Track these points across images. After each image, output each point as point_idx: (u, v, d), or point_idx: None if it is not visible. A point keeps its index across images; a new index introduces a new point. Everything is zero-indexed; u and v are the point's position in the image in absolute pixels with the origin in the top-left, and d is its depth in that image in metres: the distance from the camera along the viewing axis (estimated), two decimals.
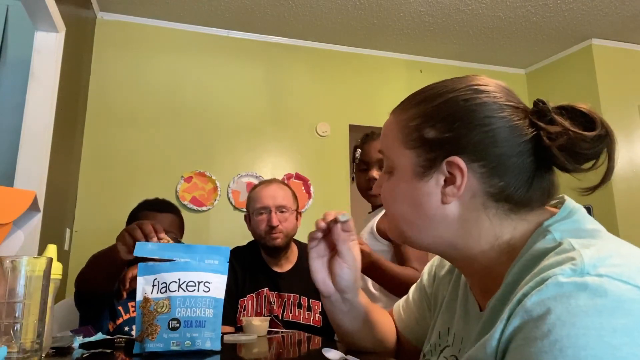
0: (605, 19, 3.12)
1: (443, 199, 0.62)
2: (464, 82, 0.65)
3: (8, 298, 0.70)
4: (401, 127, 0.67)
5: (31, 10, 2.11)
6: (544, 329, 0.47)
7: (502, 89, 0.64)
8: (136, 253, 0.94)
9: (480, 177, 0.60)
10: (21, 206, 1.01)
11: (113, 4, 3.00)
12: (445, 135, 0.62)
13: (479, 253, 0.62)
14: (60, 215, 2.53)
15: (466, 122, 0.61)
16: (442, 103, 0.64)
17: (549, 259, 0.53)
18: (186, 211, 3.00)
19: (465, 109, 0.62)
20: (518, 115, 0.61)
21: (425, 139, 0.63)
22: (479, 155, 0.60)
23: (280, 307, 1.62)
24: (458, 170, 0.60)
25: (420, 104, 0.66)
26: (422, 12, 3.05)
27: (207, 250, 0.97)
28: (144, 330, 0.89)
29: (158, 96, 3.09)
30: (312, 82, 3.41)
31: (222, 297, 0.95)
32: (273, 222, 1.61)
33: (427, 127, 0.64)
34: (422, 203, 0.64)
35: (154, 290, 0.91)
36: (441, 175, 0.62)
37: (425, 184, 0.63)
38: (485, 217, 0.61)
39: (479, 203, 0.61)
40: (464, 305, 0.70)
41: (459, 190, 0.61)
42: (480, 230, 0.62)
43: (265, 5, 2.98)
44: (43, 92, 2.23)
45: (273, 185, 1.70)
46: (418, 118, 0.65)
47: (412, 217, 0.65)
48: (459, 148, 0.61)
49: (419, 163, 0.64)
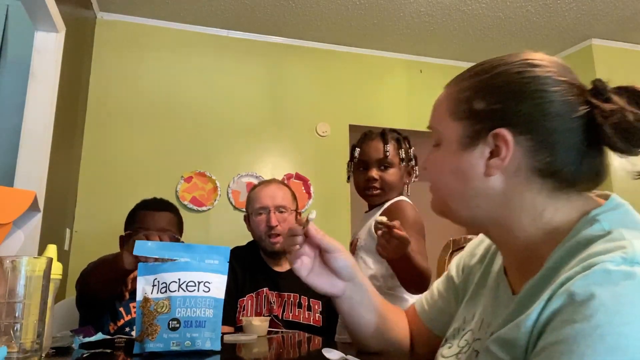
0: (605, 19, 3.12)
1: (486, 171, 0.62)
2: (519, 57, 0.65)
3: (8, 298, 0.70)
4: (452, 99, 0.67)
5: (31, 10, 2.11)
6: (586, 312, 0.46)
7: (558, 65, 0.63)
8: (136, 252, 0.94)
9: (526, 151, 0.60)
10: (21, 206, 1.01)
11: (113, 4, 3.00)
12: (493, 107, 0.62)
13: (521, 230, 0.62)
14: (60, 215, 2.53)
15: (516, 95, 0.61)
16: (494, 75, 0.64)
17: (597, 246, 0.53)
18: (186, 211, 3.00)
19: (516, 82, 0.61)
20: (572, 92, 0.60)
21: (474, 111, 0.64)
22: (526, 128, 0.60)
23: (280, 307, 1.62)
24: (504, 142, 0.60)
25: (472, 77, 0.66)
26: (422, 12, 3.05)
27: (207, 250, 0.97)
28: (144, 331, 0.89)
29: (158, 96, 3.09)
30: (312, 82, 3.41)
31: (222, 297, 0.95)
32: (272, 222, 1.61)
33: (476, 98, 0.64)
34: (465, 174, 0.64)
35: (154, 290, 0.91)
36: (486, 148, 0.62)
37: (470, 155, 0.63)
38: (529, 193, 0.61)
39: (523, 177, 0.61)
40: (494, 291, 0.69)
41: (503, 162, 0.60)
42: (523, 205, 0.61)
43: (265, 5, 2.98)
44: (43, 92, 2.23)
45: (272, 186, 1.70)
46: (469, 90, 0.65)
47: (456, 188, 0.65)
48: (506, 120, 0.61)
49: (466, 134, 0.64)
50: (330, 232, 1.52)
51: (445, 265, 1.43)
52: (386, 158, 1.43)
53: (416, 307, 0.91)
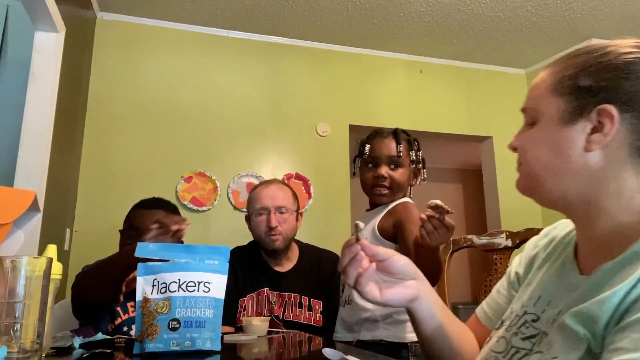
0: (605, 19, 3.12)
1: (587, 146, 0.62)
2: (628, 41, 0.65)
3: (8, 298, 0.70)
4: (555, 77, 0.68)
5: (31, 10, 2.11)
6: None
7: None
8: (137, 254, 0.94)
9: (630, 128, 0.60)
10: (21, 206, 1.01)
11: (113, 4, 3.00)
12: (600, 83, 0.62)
13: (610, 211, 0.62)
14: (60, 215, 2.53)
15: (624, 73, 0.62)
16: (603, 54, 0.64)
17: None
18: (186, 211, 3.00)
19: (624, 61, 0.62)
20: None
21: (579, 86, 0.64)
22: (632, 106, 0.60)
23: (281, 307, 1.61)
24: (608, 118, 0.61)
25: (578, 56, 0.67)
26: (422, 12, 3.05)
27: (207, 250, 0.97)
28: (143, 331, 0.89)
29: (158, 96, 3.09)
30: (312, 82, 3.41)
31: (222, 298, 0.95)
32: (272, 223, 1.61)
33: (583, 75, 0.64)
34: (564, 148, 0.64)
35: (153, 291, 0.91)
36: (588, 123, 0.62)
37: (571, 129, 0.64)
38: (629, 171, 0.61)
39: (623, 155, 0.61)
40: (558, 271, 0.70)
41: (605, 138, 0.61)
42: (618, 185, 0.62)
43: (265, 5, 2.98)
44: (43, 92, 2.23)
45: (273, 186, 1.69)
46: (575, 67, 0.66)
47: (551, 161, 0.65)
48: (612, 97, 0.61)
49: (568, 109, 0.64)
50: (330, 232, 1.52)
51: (445, 265, 1.43)
52: (397, 157, 1.43)
53: (477, 314, 0.89)
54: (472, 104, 3.69)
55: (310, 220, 2.95)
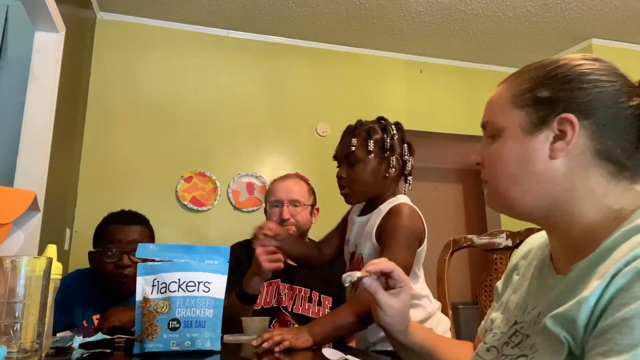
0: (605, 19, 3.12)
1: (551, 154, 0.65)
2: (577, 54, 0.70)
3: (8, 298, 0.70)
4: (512, 91, 0.70)
5: (31, 10, 2.11)
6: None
7: (611, 62, 0.69)
8: (138, 254, 0.95)
9: (590, 134, 0.63)
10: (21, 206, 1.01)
11: (113, 4, 3.00)
12: (558, 94, 0.66)
13: (581, 214, 0.64)
14: (60, 215, 2.53)
15: (579, 83, 0.65)
16: (557, 67, 0.68)
17: None
18: (186, 211, 3.00)
19: (577, 72, 0.66)
20: (627, 84, 0.66)
21: (538, 98, 0.67)
22: (590, 113, 0.63)
23: (291, 300, 1.64)
24: (569, 125, 0.64)
25: (533, 70, 0.70)
26: (422, 12, 3.05)
27: (207, 250, 0.97)
28: (143, 331, 0.89)
29: (158, 96, 3.09)
30: (312, 82, 3.41)
31: (222, 297, 0.95)
32: (284, 215, 1.65)
33: (540, 87, 0.67)
34: (530, 158, 0.66)
35: (153, 291, 0.91)
36: (551, 132, 0.65)
37: (535, 140, 0.66)
38: (592, 176, 0.64)
39: (586, 160, 0.64)
40: (537, 276, 0.72)
41: (568, 145, 0.64)
42: (586, 188, 0.64)
43: (265, 5, 2.98)
44: (43, 92, 2.23)
45: (289, 180, 1.76)
46: (532, 81, 0.69)
47: (520, 173, 0.67)
48: (571, 106, 0.64)
49: (530, 120, 0.67)
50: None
51: (445, 265, 1.43)
52: (351, 153, 1.27)
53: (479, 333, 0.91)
54: (472, 104, 3.68)
55: None
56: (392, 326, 0.88)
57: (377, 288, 0.86)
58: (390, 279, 0.88)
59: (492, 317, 0.79)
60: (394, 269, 0.87)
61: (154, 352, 0.87)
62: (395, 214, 1.23)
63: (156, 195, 2.93)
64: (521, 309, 0.71)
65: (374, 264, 0.87)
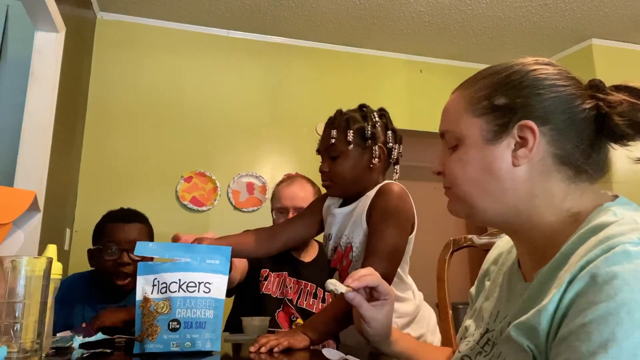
0: (605, 19, 3.12)
1: (514, 161, 0.65)
2: (528, 58, 0.69)
3: (8, 298, 0.70)
4: (469, 99, 0.70)
5: (31, 10, 2.11)
6: (610, 292, 0.48)
7: (563, 66, 0.68)
8: (137, 252, 0.94)
9: (549, 140, 0.64)
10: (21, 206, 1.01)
11: (113, 4, 3.00)
12: (515, 101, 0.66)
13: (542, 219, 0.65)
14: (60, 215, 2.53)
15: (535, 89, 0.65)
16: (511, 74, 0.68)
17: (611, 228, 0.55)
18: (186, 211, 3.00)
19: (532, 78, 0.66)
20: (580, 87, 0.66)
21: (496, 106, 0.67)
22: (547, 119, 0.64)
23: (297, 294, 1.66)
24: (530, 132, 0.64)
25: (487, 77, 0.70)
26: (422, 12, 3.05)
27: (209, 250, 0.97)
28: (144, 331, 0.88)
29: (158, 96, 3.09)
30: (312, 81, 3.41)
31: (223, 298, 0.95)
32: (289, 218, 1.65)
33: (496, 94, 0.67)
34: (493, 167, 0.66)
35: (154, 291, 0.91)
36: (512, 140, 0.65)
37: (496, 148, 0.66)
38: (553, 179, 0.64)
39: (548, 165, 0.64)
40: (506, 283, 0.72)
41: (530, 152, 0.64)
42: (548, 192, 0.64)
43: (265, 5, 2.98)
44: (43, 92, 2.23)
45: (294, 185, 1.72)
46: (487, 88, 0.68)
47: (483, 182, 0.67)
48: (528, 112, 0.64)
49: (490, 129, 0.67)
50: None
51: (445, 265, 1.42)
52: (331, 146, 1.21)
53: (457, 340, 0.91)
54: None
55: None
56: (375, 337, 0.88)
57: (361, 301, 0.84)
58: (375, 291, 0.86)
59: (466, 325, 0.79)
60: (379, 283, 0.85)
61: (154, 352, 0.87)
62: (384, 192, 1.16)
63: (156, 195, 2.93)
64: (493, 317, 0.71)
65: (358, 278, 0.83)
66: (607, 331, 0.47)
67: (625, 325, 0.46)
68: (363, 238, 1.17)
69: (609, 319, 0.47)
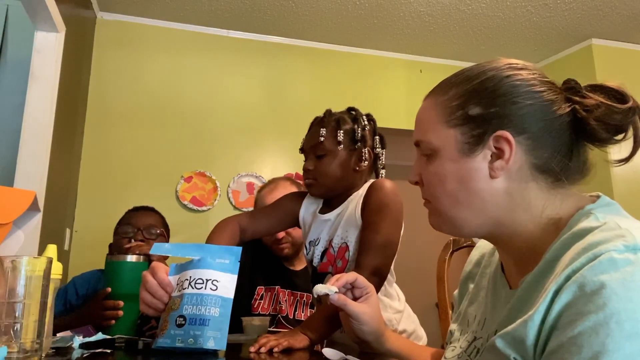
0: (605, 19, 3.12)
1: (491, 173, 0.63)
2: (502, 62, 0.67)
3: (8, 298, 0.70)
4: (442, 108, 0.67)
5: (31, 10, 2.11)
6: (599, 302, 0.47)
7: (537, 68, 0.66)
8: (153, 251, 0.97)
9: (526, 149, 0.62)
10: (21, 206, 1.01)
11: (113, 4, 3.00)
12: (490, 110, 0.64)
13: (523, 228, 0.63)
14: (60, 215, 2.53)
15: (509, 97, 0.63)
16: (485, 80, 0.65)
17: (595, 235, 0.54)
18: (186, 211, 3.00)
19: (507, 85, 0.64)
20: (554, 91, 0.64)
21: (470, 116, 0.65)
22: (523, 128, 0.62)
23: (292, 306, 1.60)
24: (506, 143, 0.62)
25: (460, 84, 0.67)
26: (422, 12, 3.05)
27: (219, 250, 0.97)
28: (160, 326, 0.90)
29: (158, 96, 3.09)
30: (312, 82, 3.41)
31: (231, 297, 0.94)
32: (278, 236, 1.59)
33: (470, 104, 0.65)
34: (470, 179, 0.64)
35: (176, 289, 0.94)
36: (488, 151, 0.64)
37: (473, 160, 0.64)
38: (532, 189, 0.63)
39: (525, 175, 0.63)
40: (491, 290, 0.71)
41: (507, 164, 0.62)
42: (527, 202, 0.63)
43: (265, 5, 2.98)
44: (43, 92, 2.23)
45: (278, 191, 1.61)
46: (461, 97, 0.66)
47: (461, 195, 0.65)
48: (504, 122, 0.63)
49: (465, 140, 0.65)
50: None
51: (445, 265, 1.42)
52: (320, 144, 1.20)
53: None
54: None
55: None
56: (370, 335, 0.87)
57: (345, 300, 0.84)
58: (356, 288, 0.87)
59: (451, 329, 0.78)
60: (356, 277, 0.87)
61: (157, 350, 0.88)
62: (377, 188, 1.16)
63: (156, 195, 2.93)
64: (480, 325, 0.70)
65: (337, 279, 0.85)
66: (598, 343, 0.46)
67: (615, 337, 0.46)
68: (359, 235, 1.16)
69: (599, 331, 0.46)
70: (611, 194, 3.03)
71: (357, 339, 0.90)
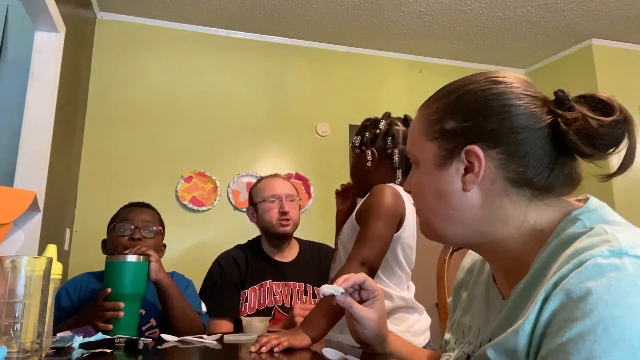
0: (605, 19, 3.12)
1: (464, 186, 0.64)
2: (483, 75, 0.67)
3: (8, 298, 0.70)
4: (424, 121, 0.69)
5: (31, 10, 2.11)
6: (586, 309, 0.47)
7: (521, 80, 0.65)
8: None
9: (498, 164, 0.62)
10: (21, 206, 1.01)
11: (113, 4, 3.00)
12: (463, 124, 0.64)
13: (507, 238, 0.63)
14: (60, 215, 2.53)
15: (483, 111, 0.63)
16: (461, 95, 0.66)
17: (582, 241, 0.54)
18: (186, 211, 3.00)
19: (482, 99, 0.64)
20: (536, 104, 0.62)
21: (445, 130, 0.66)
22: (496, 142, 0.62)
23: (287, 296, 1.66)
24: (475, 158, 0.62)
25: (441, 99, 0.68)
26: (422, 12, 3.05)
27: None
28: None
29: (158, 96, 3.09)
30: (312, 82, 3.41)
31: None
32: (285, 208, 1.69)
33: (446, 118, 0.66)
34: (444, 192, 0.65)
35: None
36: (461, 164, 0.64)
37: (446, 173, 0.65)
38: (508, 202, 0.62)
39: (499, 189, 0.63)
40: (484, 299, 0.71)
41: (477, 178, 0.62)
42: (506, 215, 0.63)
43: (265, 5, 2.98)
44: (43, 92, 2.23)
45: (280, 178, 1.82)
46: (439, 111, 0.67)
47: (438, 207, 0.66)
48: (476, 136, 0.63)
49: (440, 153, 0.66)
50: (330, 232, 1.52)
51: (445, 265, 1.42)
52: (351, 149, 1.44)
53: None
54: None
55: (310, 220, 2.95)
56: (373, 339, 0.87)
57: (352, 302, 0.85)
58: (363, 290, 0.88)
59: (446, 338, 0.78)
60: (365, 279, 0.87)
61: (157, 350, 0.88)
62: (374, 192, 1.22)
63: (156, 195, 2.93)
64: (474, 336, 0.70)
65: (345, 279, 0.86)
66: (586, 350, 0.46)
67: (602, 343, 0.45)
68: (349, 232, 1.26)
69: (587, 337, 0.46)
70: (612, 203, 3.02)
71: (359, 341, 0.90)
